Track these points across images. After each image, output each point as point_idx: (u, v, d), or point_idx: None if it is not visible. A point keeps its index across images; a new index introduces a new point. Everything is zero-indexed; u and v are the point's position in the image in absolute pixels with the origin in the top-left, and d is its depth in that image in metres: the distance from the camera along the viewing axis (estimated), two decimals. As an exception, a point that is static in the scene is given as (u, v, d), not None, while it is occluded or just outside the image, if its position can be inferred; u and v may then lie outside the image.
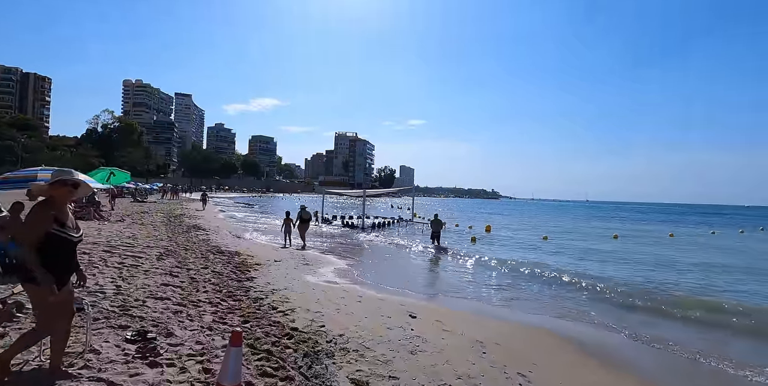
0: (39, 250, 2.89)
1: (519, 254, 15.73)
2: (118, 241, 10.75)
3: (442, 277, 11.41)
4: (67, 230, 3.04)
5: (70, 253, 3.13)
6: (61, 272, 3.03)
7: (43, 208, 2.98)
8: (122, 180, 18.45)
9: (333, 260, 12.25)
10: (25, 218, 2.99)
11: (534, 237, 24.44)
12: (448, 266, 12.82)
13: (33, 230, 2.91)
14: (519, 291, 9.94)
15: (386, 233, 23.23)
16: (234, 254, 10.89)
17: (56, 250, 2.98)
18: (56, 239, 2.96)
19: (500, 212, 65.31)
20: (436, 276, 11.62)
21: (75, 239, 3.11)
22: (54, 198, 3.07)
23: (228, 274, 8.19)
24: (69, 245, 3.08)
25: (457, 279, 10.94)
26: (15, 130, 78.38)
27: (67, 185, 3.09)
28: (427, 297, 8.73)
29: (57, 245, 2.97)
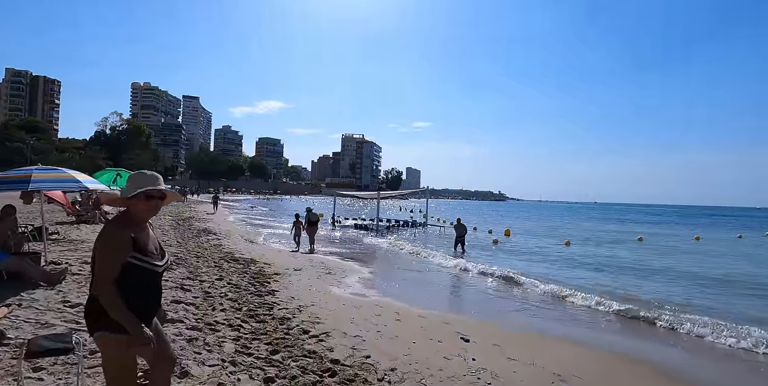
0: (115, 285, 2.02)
1: (556, 270, 14.52)
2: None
3: (478, 288, 10.37)
4: (151, 258, 2.14)
5: (154, 287, 2.23)
6: (142, 314, 2.10)
7: (119, 229, 2.08)
8: (129, 182, 17.66)
9: (355, 268, 11.27)
10: (99, 245, 2.05)
11: (556, 243, 23.31)
12: (481, 276, 11.79)
13: (112, 261, 2.01)
14: (575, 308, 8.88)
15: (401, 236, 22.22)
16: (249, 262, 9.95)
17: (136, 285, 2.08)
18: (136, 270, 2.07)
19: (512, 215, 64.01)
20: (470, 287, 10.58)
21: (160, 268, 2.21)
22: (132, 214, 2.16)
23: (246, 287, 7.23)
24: (153, 277, 2.18)
25: (494, 291, 9.91)
26: (24, 132, 78.50)
27: (153, 198, 2.16)
28: (467, 313, 7.71)
29: (137, 278, 2.08)
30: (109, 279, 1.98)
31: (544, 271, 12.91)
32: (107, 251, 2.01)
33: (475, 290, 10.04)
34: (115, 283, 1.99)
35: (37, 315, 4.66)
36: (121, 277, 2.01)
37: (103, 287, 1.98)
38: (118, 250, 2.01)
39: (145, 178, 2.17)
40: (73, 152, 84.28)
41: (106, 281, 1.99)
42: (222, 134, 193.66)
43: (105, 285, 1.98)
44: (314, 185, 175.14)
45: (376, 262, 13.06)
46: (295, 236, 14.47)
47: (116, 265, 2.00)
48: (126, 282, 2.03)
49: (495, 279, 10.92)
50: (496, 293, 9.70)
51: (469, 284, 10.72)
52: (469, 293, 9.83)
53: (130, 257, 2.03)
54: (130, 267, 2.04)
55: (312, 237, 14.97)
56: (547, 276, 11.72)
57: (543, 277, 11.32)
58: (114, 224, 2.12)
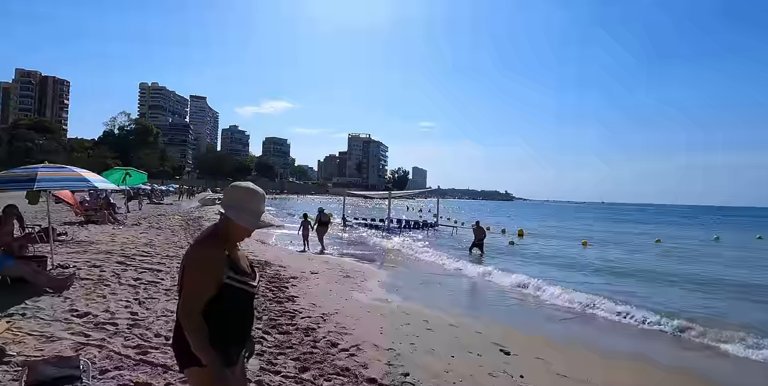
0: (205, 312, 1.72)
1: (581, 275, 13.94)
2: (134, 249, 9.47)
3: (502, 294, 9.85)
4: (247, 278, 1.84)
5: (250, 313, 1.93)
6: (234, 342, 1.83)
7: (213, 248, 1.78)
8: (138, 181, 17.38)
9: (372, 271, 10.81)
10: (189, 265, 1.76)
11: (573, 244, 22.72)
12: (503, 281, 11.27)
13: (204, 283, 1.71)
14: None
15: (414, 237, 21.74)
16: (264, 264, 9.52)
17: (231, 310, 1.79)
18: (233, 293, 1.76)
19: (523, 215, 63.28)
20: (495, 293, 10.06)
21: (254, 289, 1.89)
22: (227, 234, 1.84)
23: (264, 292, 6.79)
24: (249, 300, 1.89)
25: (520, 298, 9.40)
26: (33, 132, 79.01)
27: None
28: (499, 321, 7.20)
29: (233, 302, 1.78)
30: (198, 304, 1.69)
31: (568, 276, 12.38)
32: (199, 272, 1.72)
33: (500, 296, 9.52)
34: (203, 309, 1.70)
35: (42, 327, 4.24)
36: (215, 302, 1.72)
37: (190, 313, 1.69)
38: (212, 270, 1.72)
39: (258, 199, 1.85)
40: (81, 152, 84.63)
41: (195, 306, 1.70)
42: (229, 133, 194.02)
43: (192, 310, 1.69)
44: (321, 185, 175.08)
45: (392, 264, 12.60)
46: (304, 237, 14.35)
47: (208, 288, 1.71)
48: (220, 308, 1.73)
49: (519, 285, 10.40)
50: (522, 300, 9.18)
51: (492, 289, 10.20)
52: (494, 299, 9.30)
53: (226, 277, 1.73)
54: (226, 289, 1.73)
55: (321, 237, 14.78)
56: (573, 282, 11.19)
57: (569, 283, 10.79)
58: (206, 243, 1.80)
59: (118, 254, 8.57)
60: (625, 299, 8.85)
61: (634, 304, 8.38)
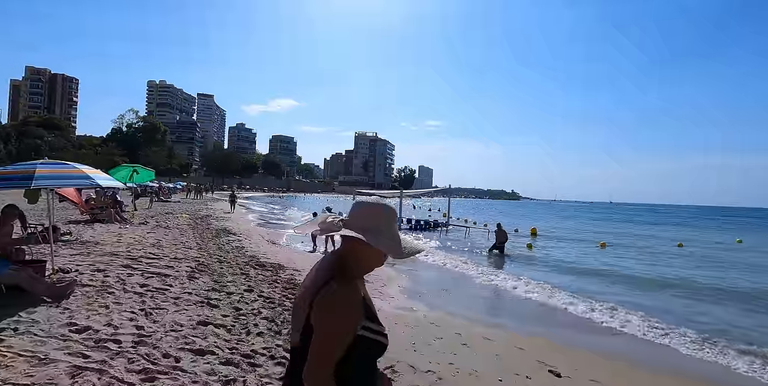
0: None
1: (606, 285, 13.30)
2: (141, 251, 8.97)
3: (530, 300, 9.25)
4: (382, 327, 1.38)
5: (377, 374, 1.44)
6: None
7: (350, 288, 1.32)
8: (146, 179, 16.93)
9: (391, 275, 10.22)
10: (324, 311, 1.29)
11: (590, 246, 22.03)
12: (530, 288, 10.66)
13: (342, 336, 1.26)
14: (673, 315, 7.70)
15: (428, 238, 21.15)
16: (278, 267, 8.98)
17: (361, 367, 1.32)
18: (366, 346, 1.31)
19: (532, 214, 62.42)
20: (522, 299, 9.46)
21: (387, 342, 1.40)
22: (363, 266, 1.42)
23: (280, 301, 6.23)
24: (379, 355, 1.39)
25: (550, 308, 8.79)
26: (42, 129, 79.27)
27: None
28: (537, 334, 6.60)
29: (365, 357, 1.33)
30: (332, 362, 1.26)
31: (597, 285, 11.73)
32: (337, 323, 1.27)
33: (528, 305, 8.91)
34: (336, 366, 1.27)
35: (35, 345, 3.71)
36: (342, 361, 1.27)
37: (321, 373, 1.25)
38: (352, 321, 1.28)
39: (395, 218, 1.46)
40: (89, 149, 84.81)
41: (327, 364, 1.26)
42: (236, 131, 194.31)
43: (323, 370, 1.25)
44: (327, 183, 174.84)
45: (410, 267, 12.01)
46: (312, 237, 13.98)
47: (346, 341, 1.26)
48: (350, 364, 1.28)
49: (547, 293, 9.77)
50: (553, 310, 8.57)
51: (519, 297, 9.58)
52: (524, 308, 8.68)
53: (361, 327, 1.28)
54: (360, 343, 1.28)
55: (332, 238, 14.35)
56: (606, 293, 10.56)
57: (601, 294, 10.17)
58: (342, 281, 1.31)
59: (123, 257, 8.07)
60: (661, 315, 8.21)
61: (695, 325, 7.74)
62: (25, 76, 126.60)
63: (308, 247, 14.21)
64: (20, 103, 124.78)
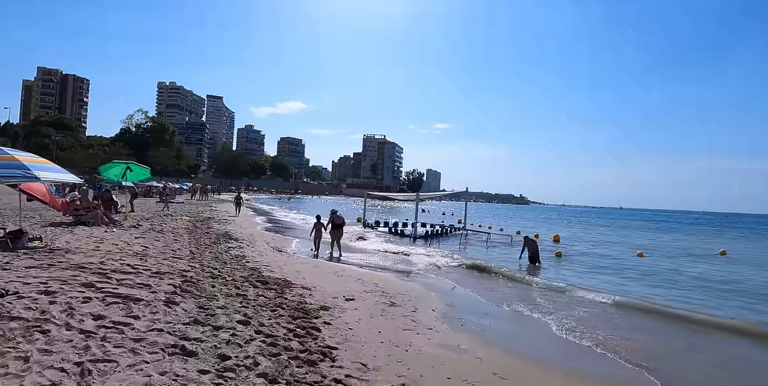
0: None
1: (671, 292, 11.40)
2: (117, 262, 7.34)
3: (611, 325, 7.45)
4: None
5: None
6: None
7: None
8: (140, 177, 15.42)
9: (421, 294, 8.48)
10: None
11: (626, 254, 20.07)
12: (597, 304, 8.85)
13: None
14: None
15: (447, 245, 19.37)
16: (283, 284, 7.30)
17: None
18: None
19: (547, 220, 60.21)
20: (606, 325, 7.66)
21: None
22: None
23: (286, 340, 4.52)
24: None
25: (638, 333, 6.98)
26: (52, 129, 78.86)
27: None
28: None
29: None
30: None
31: (676, 300, 9.87)
32: None
33: (616, 329, 7.11)
34: None
35: None
36: None
37: None
38: None
39: None
40: (98, 149, 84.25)
41: None
42: (244, 133, 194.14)
43: None
44: (335, 186, 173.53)
45: (441, 283, 10.26)
46: (315, 239, 13.29)
47: None
48: None
49: (626, 309, 7.97)
50: (643, 336, 6.76)
51: (595, 318, 7.78)
52: (613, 334, 6.90)
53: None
54: None
55: (338, 242, 13.37)
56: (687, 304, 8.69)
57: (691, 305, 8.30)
58: None
59: (91, 271, 6.43)
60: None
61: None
62: (37, 76, 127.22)
63: (323, 256, 12.62)
64: (32, 103, 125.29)
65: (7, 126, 74.92)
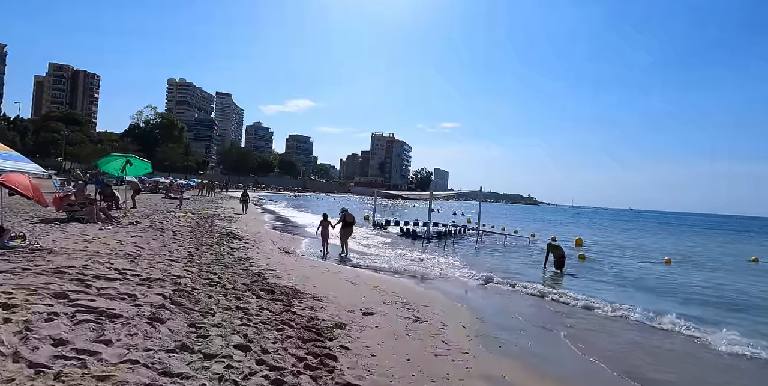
0: None
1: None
2: (104, 265, 6.46)
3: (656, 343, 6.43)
4: None
5: None
6: None
7: None
8: (141, 171, 14.59)
9: (444, 303, 7.51)
10: None
11: (649, 259, 18.92)
12: (644, 321, 7.81)
13: None
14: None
15: (463, 247, 18.37)
16: (291, 294, 6.37)
17: None
18: None
19: (561, 221, 58.85)
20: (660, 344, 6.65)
21: None
22: None
23: (298, 379, 3.57)
24: None
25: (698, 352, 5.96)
26: (61, 124, 78.89)
27: None
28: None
29: None
30: None
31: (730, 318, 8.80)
32: None
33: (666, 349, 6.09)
34: None
35: None
36: None
37: None
38: None
39: None
40: (107, 144, 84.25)
41: None
42: (253, 130, 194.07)
43: None
44: (343, 184, 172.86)
45: (464, 290, 9.29)
46: (323, 239, 12.65)
47: None
48: None
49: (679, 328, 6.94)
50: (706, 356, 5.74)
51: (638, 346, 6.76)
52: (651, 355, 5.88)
53: None
54: None
55: (346, 240, 12.77)
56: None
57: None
58: None
59: (71, 276, 5.55)
60: None
61: None
62: (48, 72, 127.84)
63: (335, 259, 11.74)
64: (43, 98, 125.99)
65: (17, 121, 75.04)
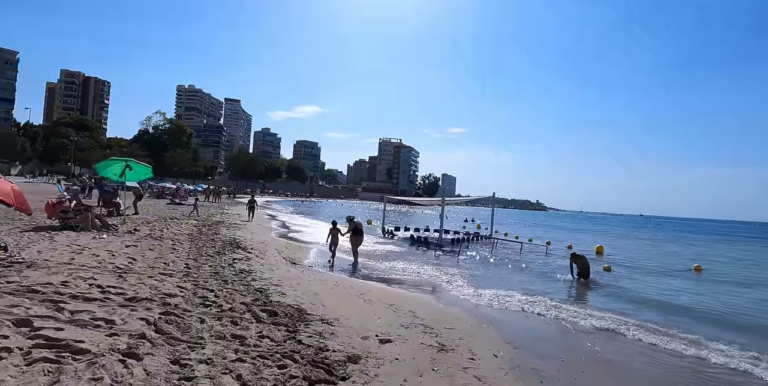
0: None
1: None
2: (86, 281, 5.73)
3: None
4: None
5: None
6: None
7: None
8: (142, 176, 13.96)
9: (473, 325, 6.64)
10: None
11: (675, 265, 17.85)
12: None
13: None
14: None
15: (476, 255, 17.45)
16: (297, 317, 5.56)
17: None
18: None
19: (574, 228, 57.53)
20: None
21: None
22: None
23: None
24: None
25: None
26: (71, 129, 79.36)
27: None
28: None
29: None
30: None
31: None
32: None
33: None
34: None
35: None
36: None
37: None
38: None
39: None
40: (116, 150, 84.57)
41: None
42: (261, 136, 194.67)
43: None
44: (350, 189, 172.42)
45: (490, 307, 8.42)
46: (331, 246, 12.04)
47: None
48: None
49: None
50: None
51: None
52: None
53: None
54: None
55: (355, 249, 12.11)
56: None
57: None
58: None
59: (42, 297, 4.82)
60: None
61: None
62: (60, 79, 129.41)
63: (346, 272, 10.93)
64: (55, 104, 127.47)
65: (26, 126, 75.61)
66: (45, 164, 73.54)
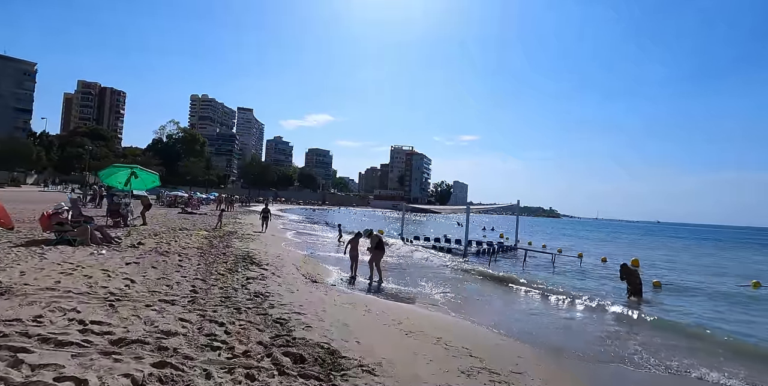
0: None
1: None
2: (66, 315, 4.58)
3: None
4: None
5: None
6: None
7: None
8: (149, 184, 12.96)
9: (543, 364, 5.33)
10: None
11: (721, 277, 16.23)
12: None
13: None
14: None
15: (506, 266, 16.05)
16: (330, 364, 4.32)
17: None
18: None
19: (595, 237, 55.47)
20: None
21: None
22: None
23: None
24: None
25: None
26: (86, 139, 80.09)
27: None
28: None
29: None
30: None
31: None
32: None
33: None
34: None
35: None
36: None
37: None
38: None
39: None
40: (131, 159, 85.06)
41: None
42: (273, 144, 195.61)
43: None
44: (362, 197, 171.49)
45: (553, 336, 7.08)
46: (352, 259, 11.13)
47: None
48: None
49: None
50: None
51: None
52: None
53: None
54: None
55: (378, 264, 10.93)
56: None
57: None
58: None
59: (1, 341, 3.66)
60: None
61: None
62: (77, 89, 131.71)
63: (363, 289, 9.69)
64: (72, 115, 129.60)
65: (42, 136, 76.40)
66: (60, 174, 74.09)
